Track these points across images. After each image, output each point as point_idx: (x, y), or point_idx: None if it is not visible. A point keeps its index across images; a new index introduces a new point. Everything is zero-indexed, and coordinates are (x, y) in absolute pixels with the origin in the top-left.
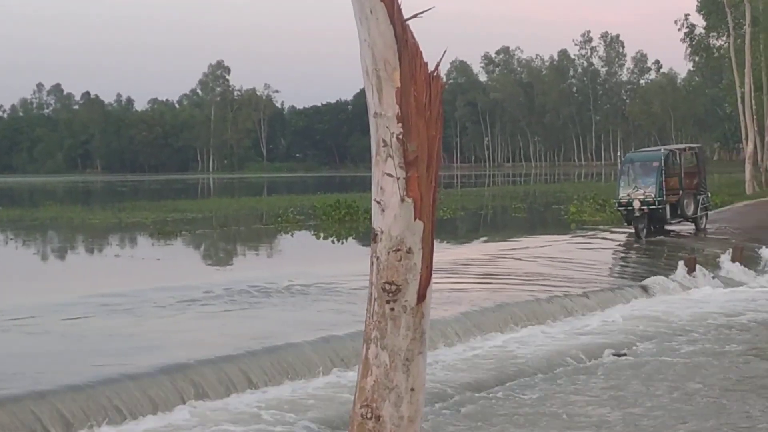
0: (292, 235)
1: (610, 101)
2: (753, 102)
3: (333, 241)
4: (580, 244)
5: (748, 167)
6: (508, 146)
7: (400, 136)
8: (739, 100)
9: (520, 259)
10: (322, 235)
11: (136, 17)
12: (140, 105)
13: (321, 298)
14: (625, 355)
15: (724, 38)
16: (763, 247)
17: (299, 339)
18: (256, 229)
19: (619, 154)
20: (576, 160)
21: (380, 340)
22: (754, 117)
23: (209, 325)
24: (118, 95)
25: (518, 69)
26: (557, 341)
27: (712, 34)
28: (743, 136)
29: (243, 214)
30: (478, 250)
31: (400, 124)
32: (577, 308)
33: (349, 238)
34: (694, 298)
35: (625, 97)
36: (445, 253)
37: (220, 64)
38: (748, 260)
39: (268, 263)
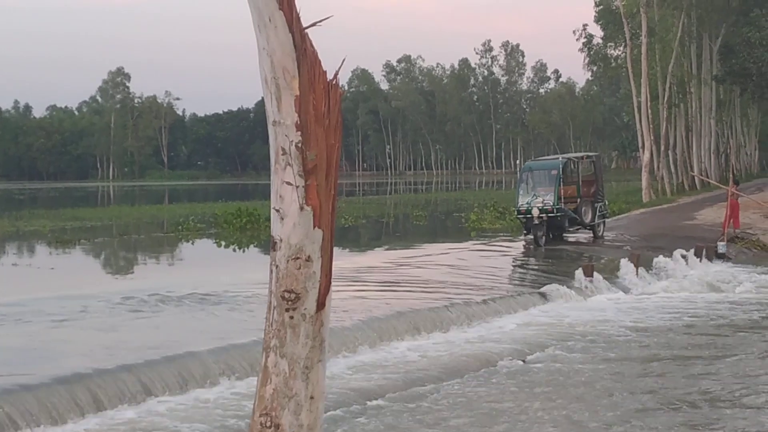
0: (192, 244)
1: (511, 110)
2: (649, 111)
3: (234, 250)
4: (481, 251)
5: (644, 175)
6: (410, 154)
7: (299, 145)
8: (635, 109)
9: (421, 267)
10: (223, 243)
11: (34, 24)
12: (38, 112)
13: (221, 306)
14: (523, 361)
15: (621, 48)
16: (660, 255)
17: (199, 348)
18: (157, 238)
19: (518, 162)
20: (477, 168)
21: (279, 349)
22: (651, 126)
23: (107, 335)
24: (16, 102)
25: (419, 77)
26: (457, 349)
27: (609, 44)
28: (640, 145)
29: (143, 222)
30: (379, 257)
31: (299, 132)
32: (477, 315)
33: (251, 246)
34: (592, 305)
35: (525, 106)
36: (346, 260)
37: (120, 71)
38: (645, 267)
39: (169, 271)
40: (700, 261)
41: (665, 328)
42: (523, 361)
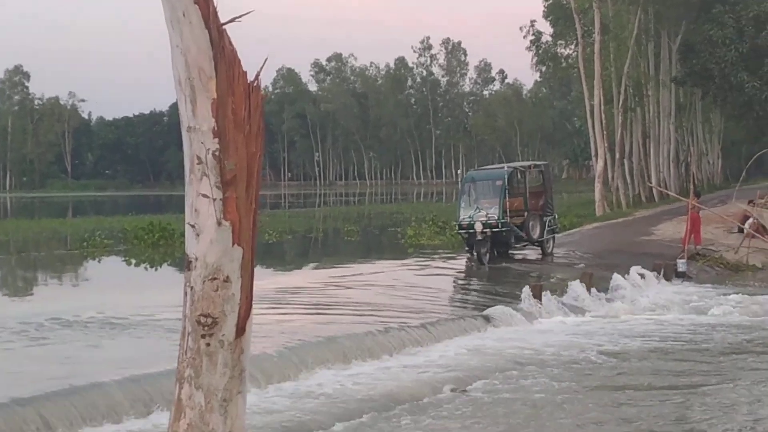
0: (99, 262)
1: (452, 114)
2: (603, 116)
3: (146, 268)
4: (419, 270)
5: (598, 186)
6: (341, 162)
7: (217, 153)
8: (588, 113)
9: (353, 288)
10: (133, 261)
11: None
12: None
13: (130, 332)
14: (465, 391)
15: (572, 47)
16: (615, 274)
17: (106, 378)
18: (60, 255)
19: (460, 171)
20: (415, 178)
21: (195, 379)
22: (605, 132)
23: (1, 365)
24: None
25: (351, 78)
26: (393, 377)
27: (559, 42)
28: (593, 153)
29: (44, 237)
30: (306, 277)
31: (216, 140)
32: (414, 341)
33: (164, 265)
34: (540, 329)
35: (467, 110)
36: (269, 281)
37: (18, 70)
38: (599, 287)
39: (72, 293)
40: (659, 280)
41: (620, 353)
42: (464, 391)
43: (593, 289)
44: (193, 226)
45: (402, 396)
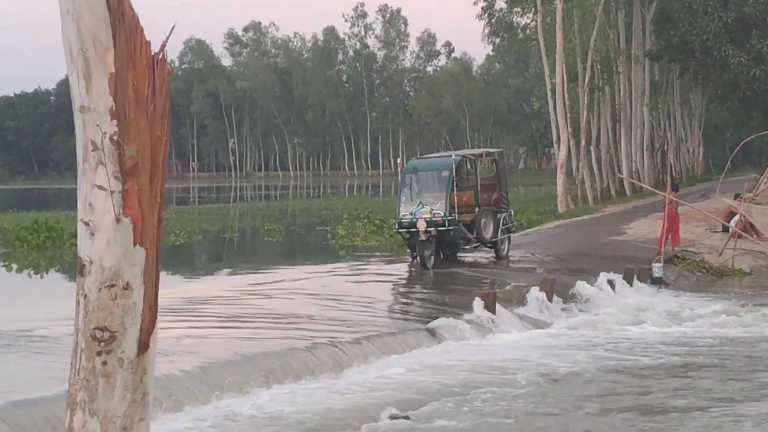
0: None
1: (390, 93)
2: (566, 96)
3: (29, 275)
4: (352, 276)
5: (560, 178)
6: (260, 150)
7: (115, 137)
8: (549, 93)
9: (274, 297)
10: (14, 266)
11: None
12: None
13: (13, 350)
14: (406, 418)
15: (530, 15)
16: (580, 280)
17: None
18: None
19: (400, 160)
20: (347, 168)
21: (89, 404)
22: (568, 115)
23: None
24: None
25: (272, 51)
26: (322, 402)
27: (515, 9)
28: (555, 140)
29: None
30: (220, 285)
31: (114, 121)
32: (347, 358)
33: (51, 271)
34: (494, 344)
35: (408, 89)
36: (177, 289)
37: None
38: (562, 295)
39: None
40: (632, 287)
41: (586, 373)
42: (406, 418)
43: (555, 298)
44: (86, 224)
45: (333, 425)
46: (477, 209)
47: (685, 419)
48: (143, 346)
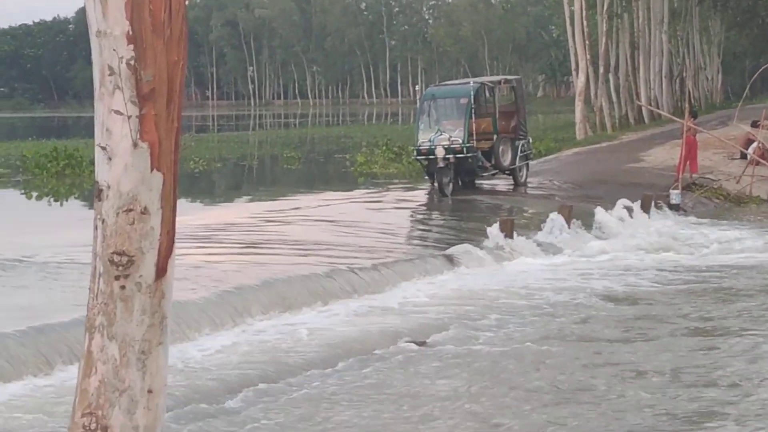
0: None
1: (409, 21)
2: (585, 23)
3: (49, 202)
4: (370, 203)
5: (579, 106)
6: (279, 79)
7: (132, 62)
8: (567, 20)
9: (293, 223)
10: (34, 194)
11: None
12: None
13: (32, 275)
14: (424, 343)
15: None
16: (598, 207)
17: (3, 329)
18: None
19: (418, 88)
20: (366, 96)
21: (107, 328)
22: (587, 42)
23: None
24: None
25: None
26: (340, 327)
27: None
28: (573, 67)
29: None
30: (239, 211)
31: (131, 46)
32: (365, 285)
33: (71, 198)
34: (511, 270)
35: (427, 17)
36: (195, 216)
37: None
38: (580, 222)
39: None
40: (649, 214)
41: (602, 298)
42: (423, 343)
43: (573, 225)
44: (104, 149)
45: (350, 349)
46: (495, 136)
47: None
48: (161, 270)
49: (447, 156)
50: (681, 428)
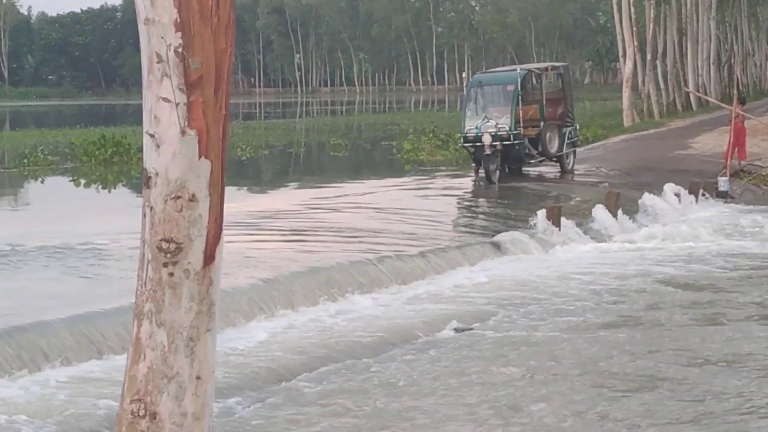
0: (42, 182)
1: (455, 8)
2: (632, 9)
3: (97, 189)
4: (417, 190)
5: (626, 92)
6: (326, 66)
7: (180, 49)
8: (614, 6)
9: (340, 211)
10: (82, 181)
11: None
12: None
13: (81, 262)
14: (470, 329)
15: None
16: (645, 194)
17: (52, 317)
18: None
19: (465, 75)
20: (412, 83)
21: (156, 315)
22: (634, 29)
23: None
24: None
25: None
26: (387, 314)
27: None
28: (620, 54)
29: None
30: (286, 198)
31: (179, 33)
32: (412, 272)
33: (119, 185)
34: (558, 258)
35: (474, 4)
36: (243, 203)
37: None
38: (627, 209)
39: (11, 219)
40: (696, 201)
41: (651, 285)
42: (470, 329)
43: (620, 212)
44: (152, 136)
45: (397, 335)
46: (542, 123)
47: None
48: (209, 257)
49: (494, 143)
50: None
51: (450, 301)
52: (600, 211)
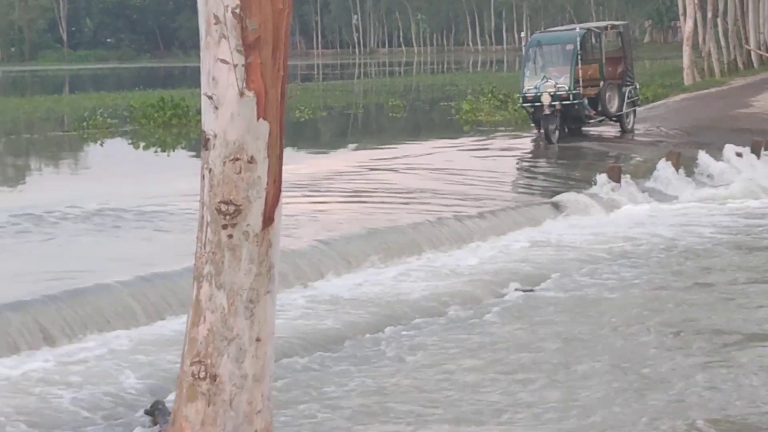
0: (102, 145)
1: None
2: None
3: (156, 152)
4: (476, 151)
5: (686, 51)
6: (384, 27)
7: (237, 11)
8: None
9: (399, 172)
10: (141, 143)
11: None
12: None
13: (141, 225)
14: (532, 290)
15: None
16: (707, 153)
17: (112, 279)
18: (55, 138)
19: (524, 35)
20: (470, 43)
21: (215, 277)
22: None
23: None
24: None
25: None
26: (447, 276)
27: None
28: (680, 12)
29: (38, 117)
30: (345, 160)
31: None
32: (472, 233)
33: (178, 148)
34: (619, 218)
35: None
36: (301, 164)
37: None
38: (688, 168)
39: (71, 181)
40: (759, 159)
41: (713, 246)
42: (531, 291)
43: (681, 171)
44: (210, 98)
45: (457, 298)
46: (602, 83)
47: None
48: (268, 219)
49: (553, 103)
50: None
51: (510, 262)
52: (661, 171)
